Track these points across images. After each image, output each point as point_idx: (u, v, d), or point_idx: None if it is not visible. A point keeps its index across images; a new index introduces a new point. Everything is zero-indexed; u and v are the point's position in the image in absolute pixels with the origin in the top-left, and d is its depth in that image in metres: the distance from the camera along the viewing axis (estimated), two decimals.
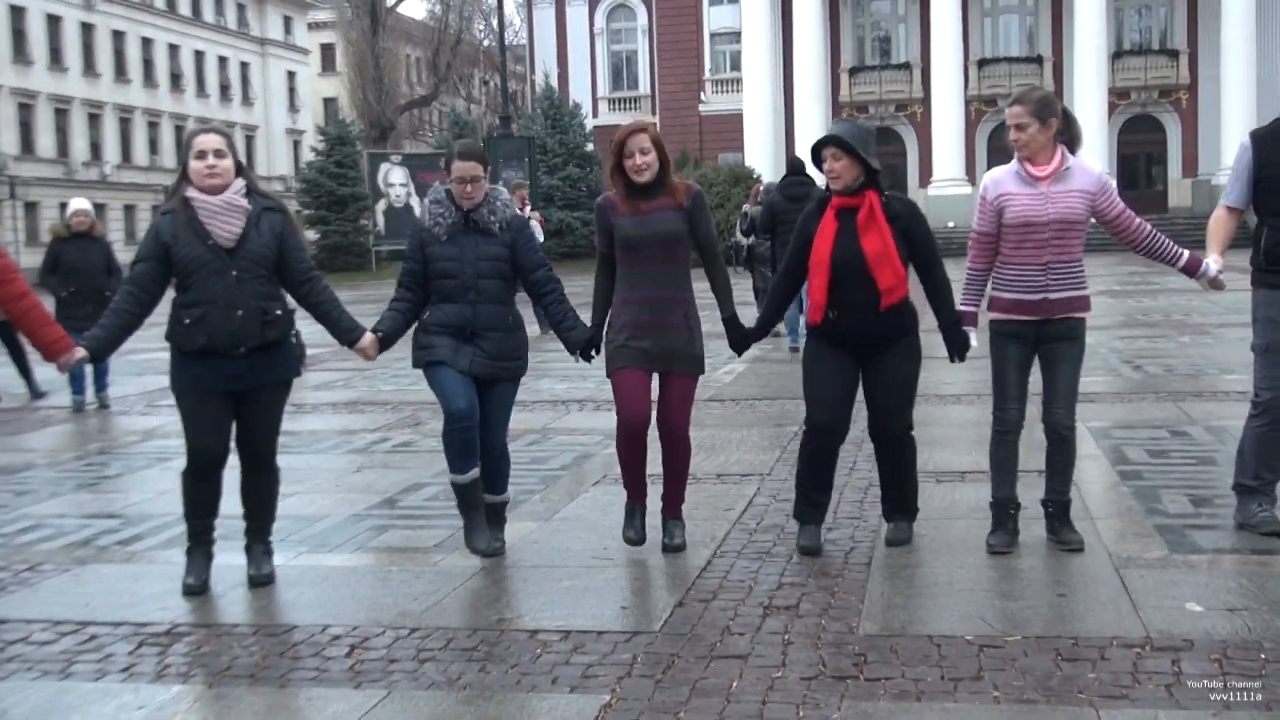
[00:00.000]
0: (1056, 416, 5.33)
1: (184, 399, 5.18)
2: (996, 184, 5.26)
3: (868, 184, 5.25)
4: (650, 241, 5.32)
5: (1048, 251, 5.16)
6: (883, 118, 47.56)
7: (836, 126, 5.30)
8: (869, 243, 5.16)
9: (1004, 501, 5.42)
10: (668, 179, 5.38)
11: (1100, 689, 3.82)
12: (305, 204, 45.09)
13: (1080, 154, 5.29)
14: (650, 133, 5.36)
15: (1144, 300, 18.93)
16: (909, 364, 5.38)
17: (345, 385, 12.14)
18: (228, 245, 5.02)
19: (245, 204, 5.08)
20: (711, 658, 4.22)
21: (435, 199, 5.46)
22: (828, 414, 5.38)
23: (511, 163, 29.61)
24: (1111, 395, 9.76)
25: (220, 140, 5.10)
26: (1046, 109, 5.14)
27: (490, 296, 5.38)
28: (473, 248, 5.37)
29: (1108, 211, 5.25)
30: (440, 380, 5.38)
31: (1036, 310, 5.22)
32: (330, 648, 4.47)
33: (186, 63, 59.15)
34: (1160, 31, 47.14)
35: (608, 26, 51.49)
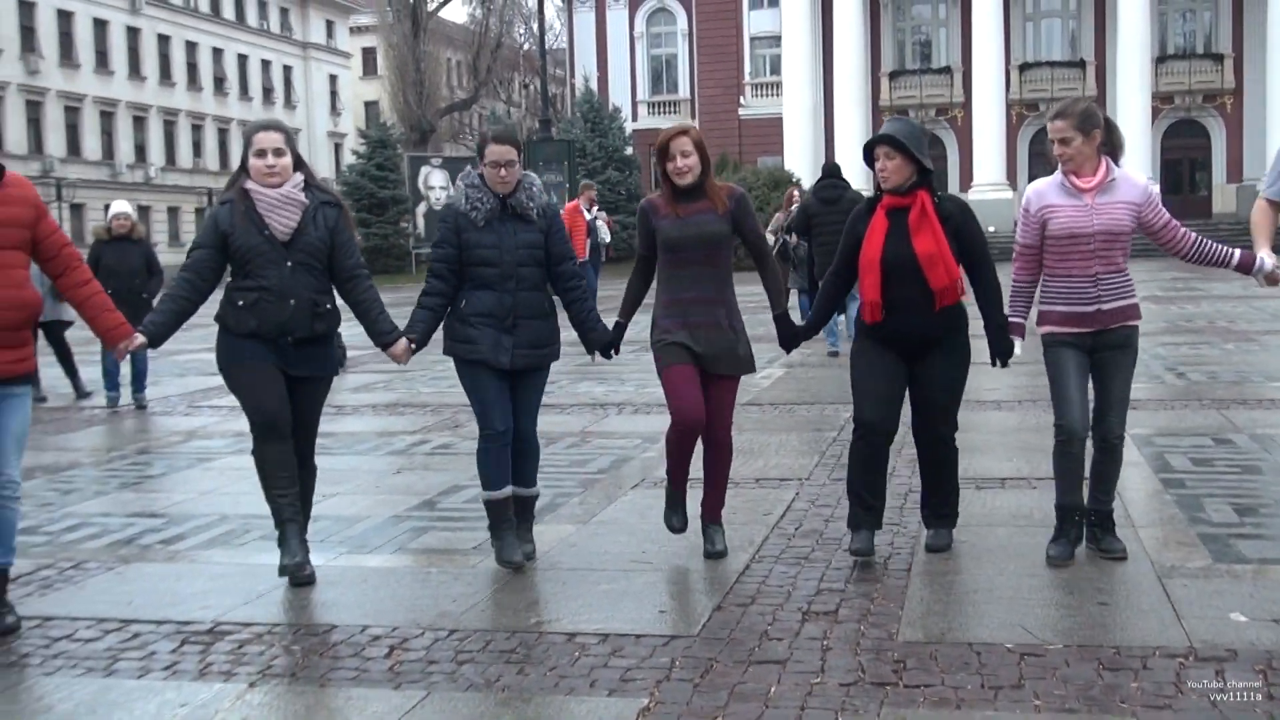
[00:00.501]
0: (1108, 425, 5.28)
1: (236, 370, 5.23)
2: (1039, 196, 5.21)
3: (919, 184, 5.22)
4: (691, 244, 5.31)
5: (1095, 263, 5.12)
6: (923, 122, 47.28)
7: (890, 125, 5.27)
8: (921, 243, 5.13)
9: (1069, 508, 5.32)
10: (708, 182, 5.36)
11: (1142, 699, 3.79)
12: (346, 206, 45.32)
13: (1123, 160, 5.24)
14: (692, 135, 5.34)
15: (1187, 306, 18.75)
16: (958, 367, 5.34)
17: (385, 387, 12.20)
18: (284, 238, 5.10)
19: (303, 198, 5.15)
20: (750, 662, 4.21)
21: (471, 183, 5.39)
22: (877, 411, 5.30)
23: (551, 166, 29.68)
24: (1154, 402, 9.67)
25: (280, 138, 5.17)
26: (1090, 121, 5.09)
27: (529, 284, 5.37)
28: (511, 235, 5.34)
29: (1154, 222, 5.19)
30: (480, 391, 5.38)
31: (1091, 322, 5.17)
32: (370, 648, 4.50)
33: (230, 66, 59.70)
34: (1204, 35, 46.69)
35: (648, 30, 51.54)
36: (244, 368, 5.20)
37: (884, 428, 5.35)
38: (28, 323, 4.78)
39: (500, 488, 5.44)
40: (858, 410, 5.37)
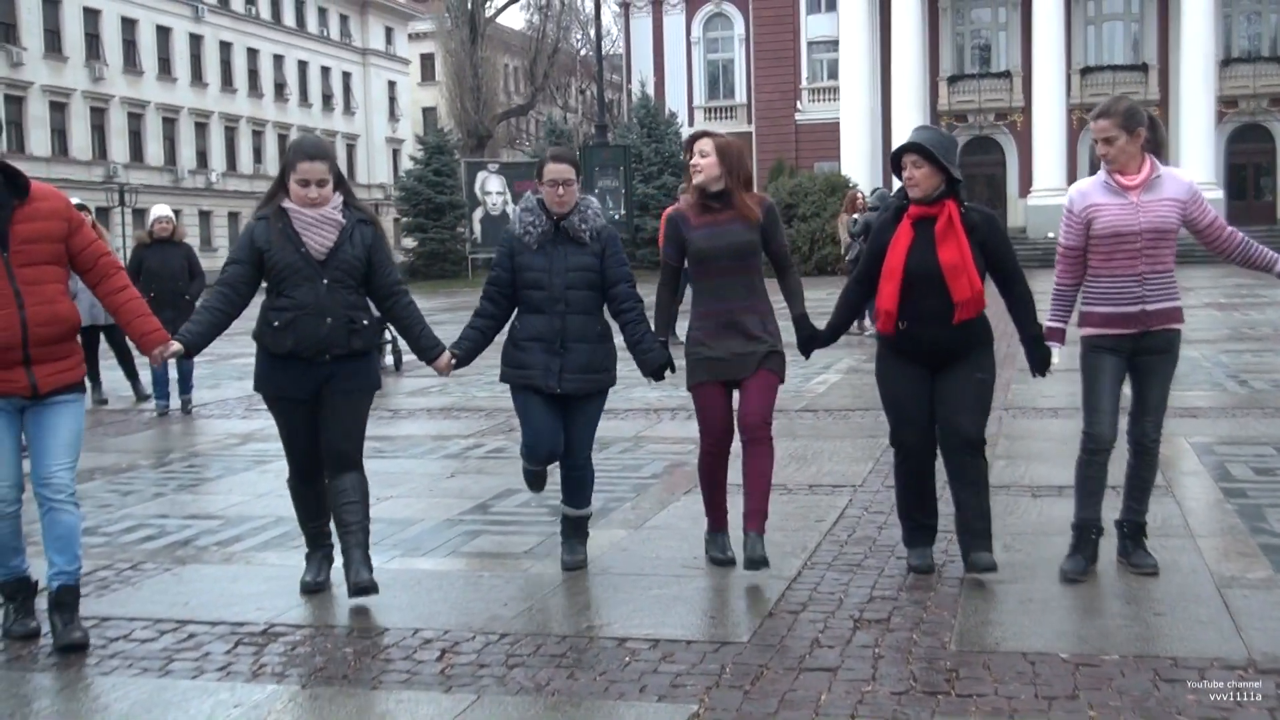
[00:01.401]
0: (1145, 429, 5.19)
1: (272, 404, 5.29)
2: (1083, 196, 5.14)
3: (947, 194, 5.15)
4: (722, 255, 5.28)
5: (1141, 262, 5.04)
6: (982, 126, 46.99)
7: (917, 134, 5.22)
8: (945, 253, 5.05)
9: (1088, 524, 5.22)
10: (737, 192, 5.31)
11: (1199, 711, 3.73)
12: (404, 212, 45.69)
13: (1185, 164, 5.17)
14: (716, 139, 5.32)
15: (1251, 313, 18.45)
16: (981, 372, 5.20)
17: (440, 391, 12.27)
18: (320, 257, 5.08)
19: (340, 218, 5.11)
20: (800, 670, 4.19)
21: (527, 207, 5.45)
22: (914, 431, 5.25)
23: (607, 172, 29.74)
24: (1216, 411, 9.52)
25: (324, 169, 5.06)
26: (1133, 119, 5.02)
27: (579, 307, 5.38)
28: (562, 258, 5.36)
29: (1199, 220, 5.11)
30: (529, 418, 5.46)
31: (1135, 323, 5.08)
32: (421, 651, 4.52)
33: (290, 73, 60.35)
34: (1270, 38, 45.97)
35: (704, 35, 51.54)
36: (279, 405, 5.23)
37: (923, 446, 5.28)
38: (66, 336, 4.78)
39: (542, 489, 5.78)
40: (895, 433, 5.33)
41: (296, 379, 5.12)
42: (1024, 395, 10.03)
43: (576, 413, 5.49)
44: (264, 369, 5.23)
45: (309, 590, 5.29)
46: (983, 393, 5.23)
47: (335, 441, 5.21)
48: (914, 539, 5.38)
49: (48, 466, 4.73)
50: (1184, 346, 5.33)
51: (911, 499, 5.35)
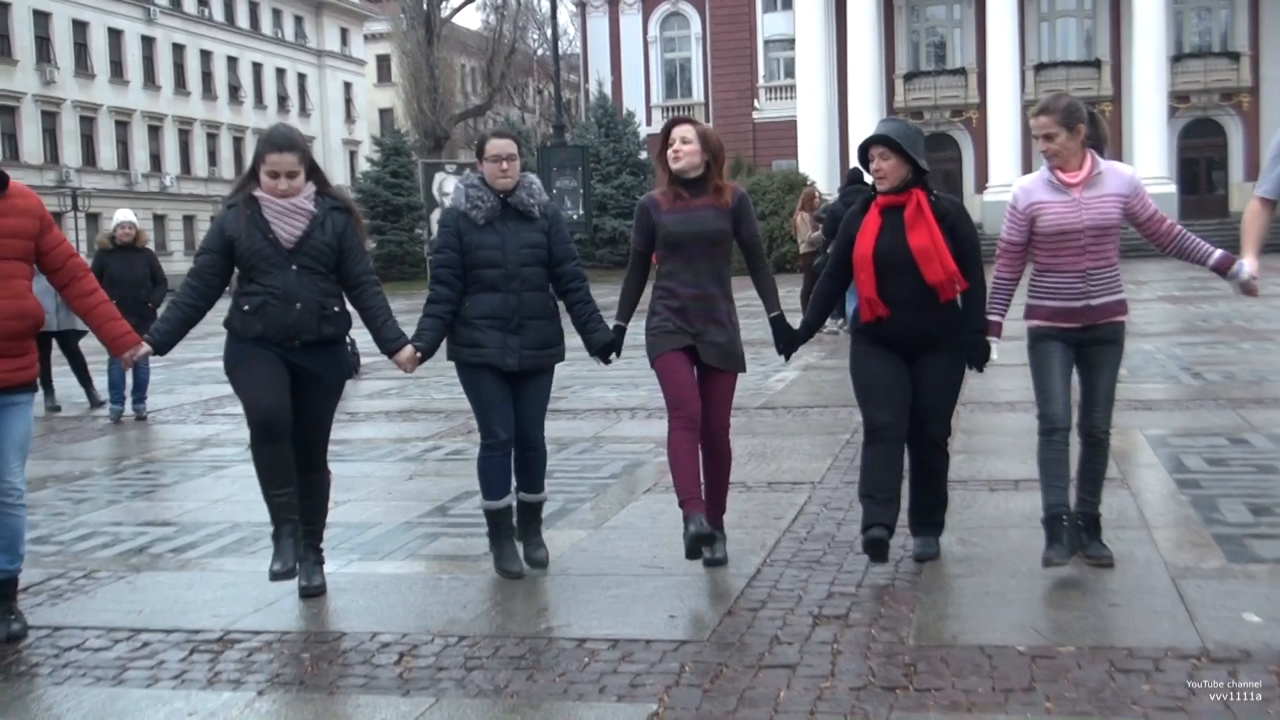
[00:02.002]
0: (1095, 420, 5.21)
1: (239, 368, 5.12)
2: (1027, 193, 5.18)
3: (914, 184, 5.19)
4: (694, 239, 5.26)
5: (1086, 258, 5.08)
6: (938, 123, 47.28)
7: (884, 126, 5.24)
8: (915, 238, 5.08)
9: (1057, 512, 5.19)
10: (713, 177, 5.31)
11: (1154, 701, 3.76)
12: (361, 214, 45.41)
13: (1138, 159, 5.22)
14: (697, 126, 5.31)
15: (1204, 306, 18.65)
16: (954, 370, 5.28)
17: (399, 393, 12.21)
18: (289, 245, 5.05)
19: (311, 208, 5.09)
20: (760, 667, 4.19)
21: (471, 184, 5.36)
22: (890, 412, 5.21)
23: (565, 172, 29.70)
24: (1170, 403, 9.62)
25: (294, 160, 5.03)
26: (1073, 115, 5.07)
27: (533, 284, 5.33)
28: (514, 235, 5.30)
29: (1140, 213, 5.16)
30: (482, 396, 5.35)
31: (1080, 317, 5.13)
32: (379, 655, 4.49)
33: (245, 74, 59.97)
34: (1221, 33, 46.51)
35: (661, 34, 51.60)
36: (247, 367, 5.11)
37: (898, 428, 5.26)
38: (29, 332, 4.78)
39: (500, 497, 5.43)
40: (869, 415, 5.30)
41: (268, 349, 5.07)
42: (981, 390, 10.09)
43: (528, 390, 5.41)
44: (233, 346, 5.15)
45: (280, 578, 5.09)
46: (952, 393, 5.32)
47: (304, 437, 5.20)
48: (869, 518, 5.22)
49: (2, 470, 4.70)
50: (1139, 340, 5.40)
51: (878, 480, 5.24)
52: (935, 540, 5.41)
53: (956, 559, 5.40)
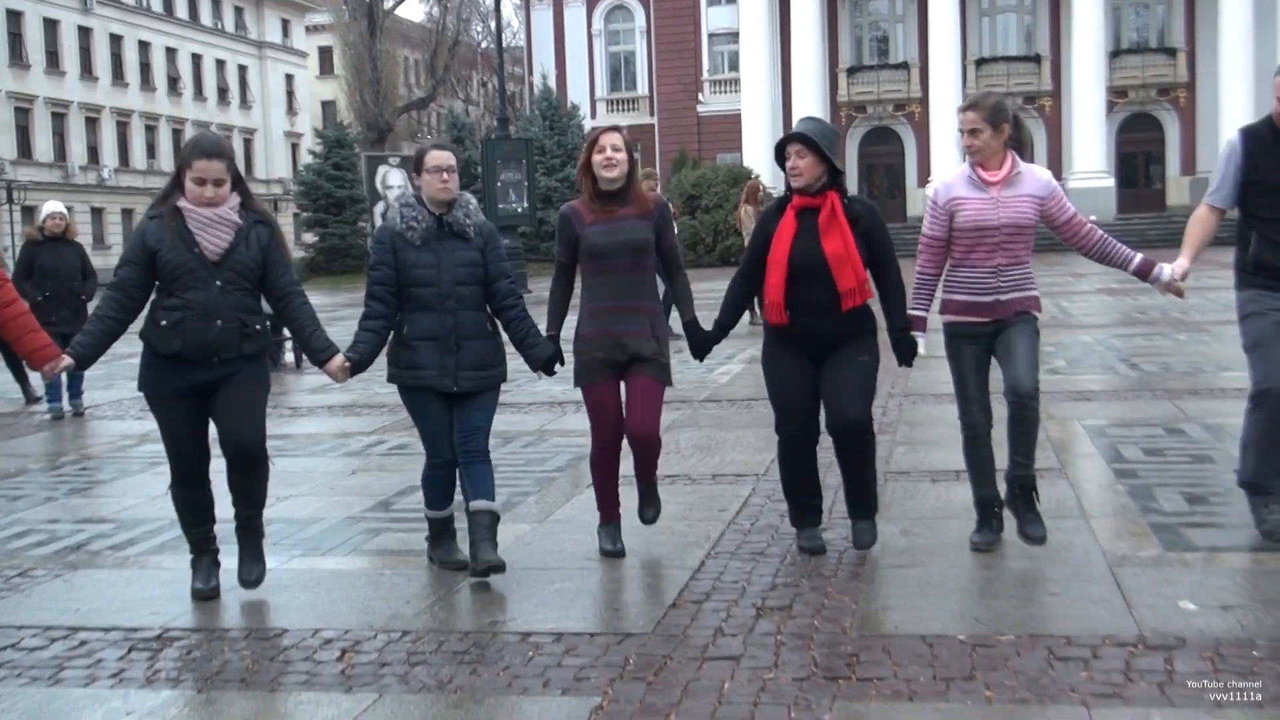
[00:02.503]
0: (1019, 384, 5.19)
1: (155, 404, 5.11)
2: (948, 188, 5.27)
3: (830, 184, 5.23)
4: (618, 250, 5.28)
5: (998, 255, 5.18)
6: (881, 117, 47.62)
7: (802, 124, 5.29)
8: (830, 243, 5.13)
9: (988, 500, 5.41)
10: (634, 186, 5.34)
11: (1092, 688, 3.81)
12: (303, 206, 45.12)
13: (1078, 153, 5.31)
14: (623, 134, 5.36)
15: (1141, 299, 18.90)
16: (864, 354, 5.30)
17: (342, 389, 12.08)
18: (214, 258, 4.95)
19: (237, 219, 4.99)
20: (704, 659, 4.20)
21: (406, 203, 5.32)
22: (799, 420, 5.35)
23: (509, 165, 29.55)
24: (1108, 394, 9.75)
25: (222, 168, 4.95)
26: (999, 114, 5.16)
27: (469, 303, 5.28)
28: (449, 254, 5.25)
29: (1058, 216, 5.26)
30: (426, 419, 5.35)
31: (990, 312, 5.23)
32: (321, 651, 4.46)
33: (184, 66, 59.20)
34: (1158, 29, 47.16)
35: (605, 27, 51.52)
36: (163, 403, 5.06)
37: (807, 435, 5.39)
38: None
39: (443, 508, 5.45)
40: (780, 422, 5.42)
41: (183, 375, 4.99)
42: (922, 382, 10.17)
43: (471, 408, 5.35)
44: (148, 368, 5.07)
45: (202, 598, 5.13)
46: (867, 375, 5.33)
47: (235, 429, 5.07)
48: (802, 520, 5.49)
49: None
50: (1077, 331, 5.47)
51: (797, 481, 5.47)
52: (872, 524, 5.42)
53: (898, 549, 5.45)
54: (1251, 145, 5.22)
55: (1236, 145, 5.27)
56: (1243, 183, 5.24)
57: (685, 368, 10.66)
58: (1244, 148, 5.24)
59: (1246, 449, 5.44)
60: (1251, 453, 5.39)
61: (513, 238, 28.52)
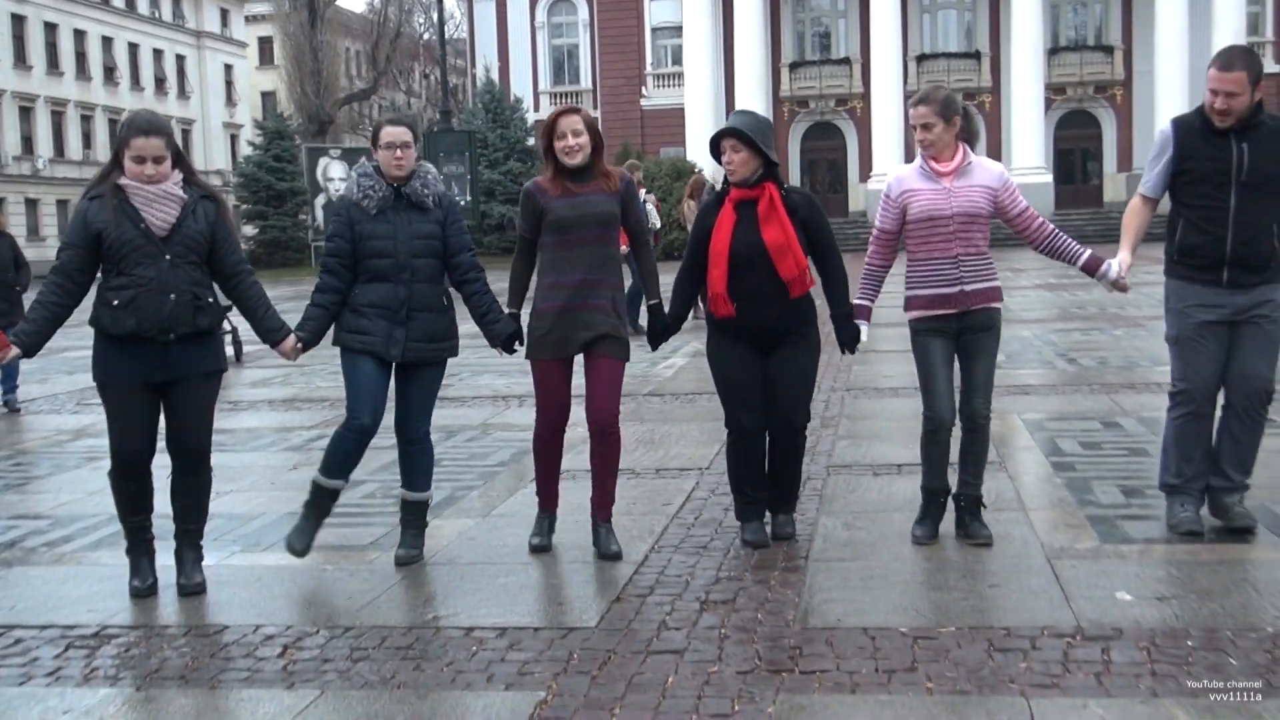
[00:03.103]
0: (975, 406, 5.38)
1: (109, 392, 5.01)
2: (900, 182, 5.33)
3: (766, 176, 5.27)
4: (584, 223, 5.25)
5: (956, 244, 5.23)
6: (823, 112, 47.84)
7: (736, 119, 5.32)
8: (770, 234, 5.19)
9: (936, 489, 5.48)
10: (599, 163, 5.32)
11: (1031, 678, 3.86)
12: (243, 199, 44.61)
13: (1016, 149, 5.38)
14: (583, 115, 5.29)
15: (1079, 294, 19.14)
16: (809, 357, 5.42)
17: (283, 382, 12.01)
18: (161, 233, 4.87)
19: (181, 194, 4.92)
20: (647, 653, 4.21)
21: (364, 173, 5.28)
22: (749, 412, 5.39)
23: (452, 157, 29.44)
24: (1046, 388, 9.87)
25: (161, 144, 4.87)
26: (950, 108, 5.22)
27: (425, 275, 5.26)
28: (406, 225, 5.23)
29: (1011, 208, 5.33)
30: (356, 378, 5.27)
31: (955, 303, 5.27)
32: (263, 648, 4.42)
33: (121, 55, 58.30)
34: (1096, 28, 47.75)
35: (549, 20, 51.35)
36: (117, 392, 4.97)
37: (759, 426, 5.43)
38: None
39: (337, 478, 5.38)
40: (731, 414, 5.45)
41: (140, 361, 4.90)
42: (865, 376, 10.25)
43: (415, 382, 5.35)
44: (104, 353, 4.96)
45: (140, 595, 5.04)
46: (809, 378, 5.46)
47: (184, 435, 5.06)
48: (747, 513, 5.52)
49: None
50: (1016, 326, 5.54)
51: (746, 474, 5.49)
52: (791, 518, 5.59)
53: (841, 543, 5.49)
54: (1182, 134, 5.31)
55: (1168, 135, 5.36)
56: (1173, 171, 5.33)
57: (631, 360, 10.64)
58: (1175, 137, 5.33)
59: (1167, 450, 5.51)
60: (1172, 454, 5.46)
61: None
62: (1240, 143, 5.14)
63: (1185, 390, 5.38)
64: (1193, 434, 5.39)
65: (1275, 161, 5.16)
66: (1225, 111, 5.11)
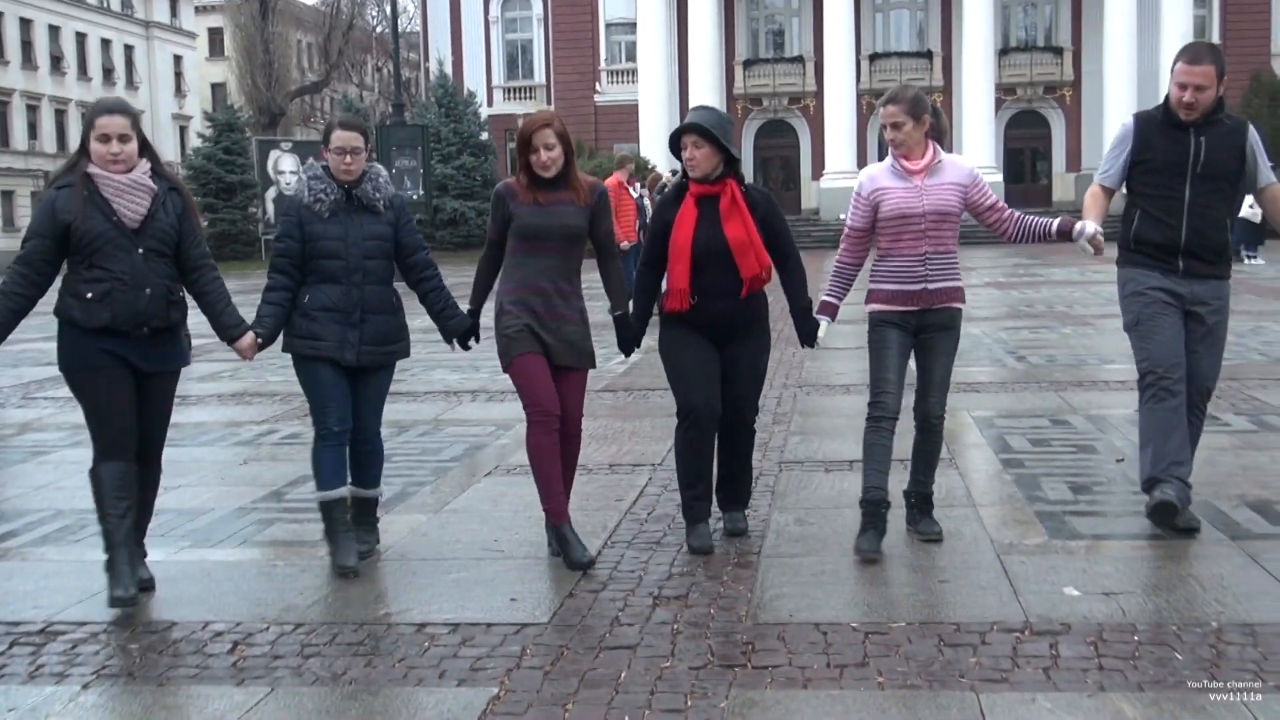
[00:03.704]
0: (930, 406, 5.39)
1: (86, 378, 4.83)
2: (872, 180, 5.34)
3: (727, 172, 5.28)
4: (549, 234, 5.22)
5: (925, 243, 5.25)
6: (776, 110, 47.98)
7: (697, 115, 5.31)
8: (732, 229, 5.20)
9: (875, 500, 5.30)
10: (572, 172, 5.27)
11: (980, 673, 3.90)
12: (193, 191, 44.11)
13: (967, 148, 5.42)
14: (555, 126, 5.20)
15: (1028, 292, 19.34)
16: (763, 354, 5.47)
17: (232, 376, 11.91)
18: (134, 225, 4.78)
19: (152, 184, 4.84)
20: (601, 649, 4.21)
21: (314, 175, 5.25)
22: (704, 395, 5.35)
23: (404, 151, 29.23)
24: (995, 385, 9.96)
25: (127, 123, 4.80)
26: (919, 106, 5.25)
27: (376, 277, 5.24)
28: (357, 227, 5.20)
29: (980, 203, 5.36)
30: (318, 388, 5.24)
31: (918, 300, 5.29)
32: (212, 644, 4.38)
33: (68, 45, 57.53)
34: (1046, 29, 48.19)
35: (503, 15, 51.15)
36: (94, 377, 4.82)
37: (713, 411, 5.39)
38: None
39: (336, 487, 5.30)
40: (683, 398, 5.41)
41: (114, 348, 4.80)
42: (817, 372, 10.30)
43: (367, 385, 5.32)
44: (73, 343, 4.82)
45: (122, 604, 4.74)
46: (761, 372, 5.51)
47: (149, 430, 4.98)
48: (695, 512, 5.42)
49: None
50: (967, 324, 5.58)
51: (694, 469, 5.43)
52: (744, 515, 5.61)
53: (793, 538, 5.51)
54: (1143, 127, 5.42)
55: (1129, 128, 5.47)
56: (1132, 163, 5.42)
57: None
58: (1136, 130, 5.43)
59: (1144, 447, 5.45)
60: (1149, 448, 5.38)
61: None
62: (1199, 136, 5.24)
63: (1152, 370, 5.36)
64: (1167, 415, 5.31)
65: (1229, 156, 5.28)
66: (1192, 105, 5.20)
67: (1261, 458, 6.88)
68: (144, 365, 4.91)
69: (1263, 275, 20.48)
